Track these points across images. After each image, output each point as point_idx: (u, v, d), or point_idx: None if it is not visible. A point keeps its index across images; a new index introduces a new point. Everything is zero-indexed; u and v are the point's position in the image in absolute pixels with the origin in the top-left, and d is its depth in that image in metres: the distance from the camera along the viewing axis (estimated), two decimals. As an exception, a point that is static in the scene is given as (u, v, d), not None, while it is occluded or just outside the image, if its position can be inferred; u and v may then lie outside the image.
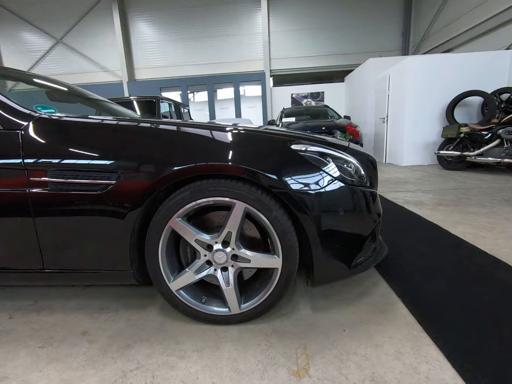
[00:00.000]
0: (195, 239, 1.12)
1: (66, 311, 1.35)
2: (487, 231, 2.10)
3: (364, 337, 1.08)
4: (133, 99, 6.69)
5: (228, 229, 1.10)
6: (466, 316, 1.16)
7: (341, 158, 1.21)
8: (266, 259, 1.12)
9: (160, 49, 10.64)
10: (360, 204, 1.17)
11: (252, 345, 1.07)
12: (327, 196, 1.08)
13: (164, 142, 1.10)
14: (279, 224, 1.07)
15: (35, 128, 1.11)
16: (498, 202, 2.86)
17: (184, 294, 1.18)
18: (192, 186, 1.08)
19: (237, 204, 1.07)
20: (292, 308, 1.29)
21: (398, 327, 1.13)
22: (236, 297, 1.15)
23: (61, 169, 1.09)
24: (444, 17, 8.22)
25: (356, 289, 1.42)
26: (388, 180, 4.38)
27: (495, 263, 1.60)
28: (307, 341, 1.07)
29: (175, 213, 1.09)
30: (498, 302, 1.25)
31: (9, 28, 10.61)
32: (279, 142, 1.13)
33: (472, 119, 5.75)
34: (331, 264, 1.14)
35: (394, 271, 1.57)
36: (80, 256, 1.16)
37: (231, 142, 1.11)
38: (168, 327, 1.19)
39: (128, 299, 1.43)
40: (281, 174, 1.05)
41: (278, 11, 10.15)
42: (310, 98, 10.46)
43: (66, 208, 1.10)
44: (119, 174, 1.07)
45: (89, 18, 10.40)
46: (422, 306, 1.24)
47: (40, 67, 10.95)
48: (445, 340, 1.04)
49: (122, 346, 1.10)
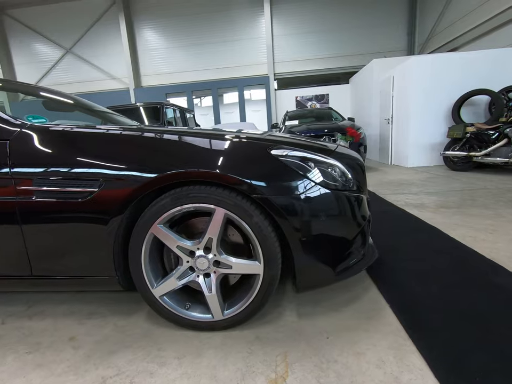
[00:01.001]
0: (177, 245, 1.13)
1: (57, 317, 1.38)
2: (488, 233, 2.04)
3: (347, 344, 1.06)
4: (139, 105, 6.83)
5: (209, 235, 1.10)
6: (455, 323, 1.13)
7: (325, 162, 1.20)
8: (248, 265, 1.12)
9: (166, 56, 10.82)
10: (343, 209, 1.16)
11: (232, 352, 1.06)
12: (308, 201, 1.07)
13: (143, 149, 1.12)
14: (260, 230, 1.07)
15: (22, 138, 1.14)
16: (503, 203, 2.77)
17: (168, 300, 1.18)
18: (173, 193, 1.09)
19: (217, 210, 1.07)
20: (278, 314, 1.28)
21: (384, 334, 1.10)
22: (218, 303, 1.14)
23: (46, 178, 1.11)
24: (449, 16, 8.10)
25: (346, 295, 1.40)
26: (391, 182, 4.31)
27: (492, 267, 1.55)
28: (289, 348, 1.06)
29: (157, 220, 1.10)
30: (490, 309, 1.20)
31: (21, 39, 10.99)
32: (259, 148, 1.13)
33: (480, 119, 5.62)
34: (314, 270, 1.13)
35: (386, 275, 1.54)
36: (66, 263, 1.18)
37: (210, 148, 1.12)
38: (153, 333, 1.20)
39: (117, 304, 1.44)
40: (260, 180, 1.05)
41: (281, 15, 10.20)
42: (314, 101, 10.44)
43: (52, 216, 1.13)
44: (100, 182, 1.08)
45: (97, 28, 10.68)
46: (410, 312, 1.21)
47: (50, 76, 11.28)
48: (430, 348, 1.01)
49: (106, 353, 1.11)
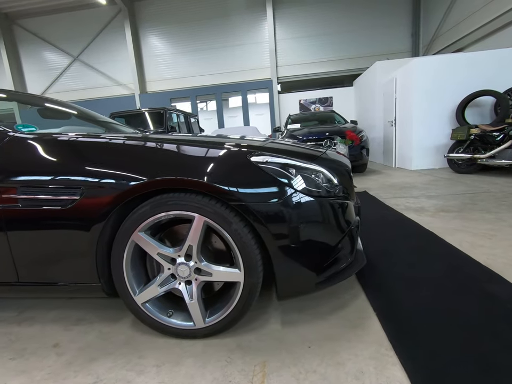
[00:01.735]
0: (157, 252, 1.13)
1: (46, 323, 1.39)
2: (487, 239, 1.99)
3: (328, 354, 1.04)
4: (144, 111, 6.93)
5: (189, 243, 1.10)
6: (442, 333, 1.10)
7: (308, 168, 1.19)
8: (228, 272, 1.11)
9: (170, 62, 10.97)
10: (326, 216, 1.14)
11: (212, 361, 1.05)
12: (287, 208, 1.06)
13: (123, 157, 1.12)
14: (239, 237, 1.06)
15: (7, 147, 1.17)
16: (506, 207, 2.70)
17: (150, 307, 1.18)
18: (153, 200, 1.09)
19: (196, 217, 1.07)
20: (263, 322, 1.26)
21: (367, 344, 1.08)
22: (200, 311, 1.14)
23: (30, 186, 1.13)
24: (454, 16, 8.00)
25: (333, 302, 1.38)
26: (393, 185, 4.25)
27: (487, 274, 1.51)
28: (268, 358, 1.05)
29: (137, 227, 1.10)
30: (480, 319, 1.17)
31: (31, 48, 11.31)
32: (238, 155, 1.13)
33: (485, 120, 5.51)
34: (295, 278, 1.12)
35: (375, 282, 1.51)
36: (50, 270, 1.19)
37: (189, 156, 1.12)
38: (136, 340, 1.20)
39: (105, 311, 1.45)
40: (238, 187, 1.04)
41: (283, 19, 10.25)
42: (318, 104, 10.42)
43: (36, 224, 1.14)
44: (82, 189, 1.10)
45: (103, 35, 10.92)
46: (397, 321, 1.18)
47: (59, 84, 11.55)
48: (412, 359, 0.98)
49: (87, 360, 1.11)
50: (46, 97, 2.02)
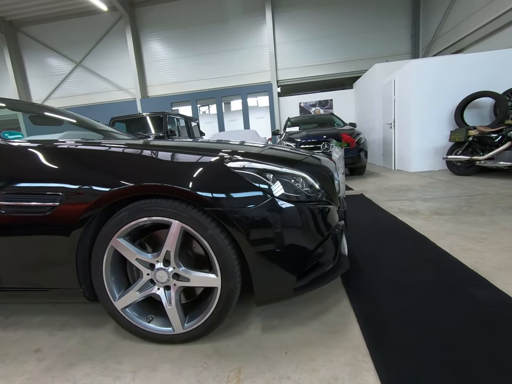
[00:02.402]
0: (136, 258, 1.14)
1: (31, 328, 1.40)
2: (477, 242, 1.97)
3: (303, 360, 1.04)
4: (144, 116, 6.99)
5: (167, 248, 1.10)
6: (421, 339, 1.09)
7: (287, 173, 1.19)
8: (205, 278, 1.11)
9: (171, 67, 11.07)
10: (304, 221, 1.14)
11: (188, 366, 1.05)
12: (263, 214, 1.06)
13: (100, 163, 1.14)
14: (215, 242, 1.07)
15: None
16: (501, 210, 2.67)
17: (130, 312, 1.19)
18: (131, 206, 1.10)
19: (173, 223, 1.08)
20: (243, 327, 1.26)
21: (344, 350, 1.07)
22: (178, 316, 1.14)
23: (12, 193, 1.14)
24: (453, 18, 7.98)
25: (316, 307, 1.37)
26: (390, 188, 4.23)
27: (473, 279, 1.49)
28: (244, 363, 1.04)
29: (116, 233, 1.11)
30: (461, 324, 1.15)
31: (34, 54, 11.50)
32: (214, 160, 1.13)
33: (485, 121, 5.47)
34: (272, 283, 1.12)
35: (360, 287, 1.50)
36: (33, 275, 1.20)
37: (165, 162, 1.13)
38: (116, 346, 1.20)
39: (90, 316, 1.46)
40: (213, 193, 1.05)
41: (283, 23, 10.30)
42: (318, 107, 10.43)
43: (19, 230, 1.16)
44: (62, 196, 1.11)
45: (105, 41, 11.06)
46: (377, 327, 1.17)
47: (62, 89, 11.71)
48: (387, 366, 0.97)
49: (66, 365, 1.12)
50: (37, 104, 2.05)
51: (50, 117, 2.02)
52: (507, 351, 0.99)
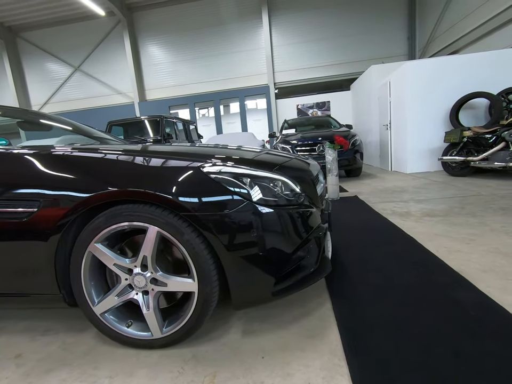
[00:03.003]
0: (114, 263, 1.14)
1: (14, 333, 1.40)
2: (465, 244, 1.96)
3: (279, 365, 1.03)
4: (142, 119, 7.02)
5: (143, 253, 1.11)
6: (398, 343, 1.08)
7: (265, 177, 1.19)
8: (182, 283, 1.12)
9: (169, 70, 11.13)
10: (283, 225, 1.14)
11: (164, 372, 1.05)
12: (239, 218, 1.07)
13: (77, 169, 1.14)
14: (191, 247, 1.07)
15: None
16: (492, 211, 2.67)
17: (109, 317, 1.19)
18: (108, 212, 1.11)
19: (149, 228, 1.09)
20: (223, 332, 1.26)
21: (320, 354, 1.07)
22: (156, 321, 1.14)
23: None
24: (449, 18, 8.01)
25: (297, 311, 1.37)
26: (385, 190, 4.23)
27: (456, 281, 1.49)
28: (220, 368, 1.04)
29: (94, 238, 1.12)
30: (441, 328, 1.15)
31: (33, 59, 11.59)
32: (191, 165, 1.14)
33: (480, 122, 5.47)
34: (249, 287, 1.12)
35: (344, 290, 1.50)
36: (12, 280, 1.20)
37: (142, 167, 1.13)
38: (95, 351, 1.21)
39: (75, 321, 1.46)
40: (189, 198, 1.05)
41: (279, 25, 10.36)
42: (316, 108, 10.45)
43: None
44: (40, 202, 1.12)
45: (103, 46, 11.14)
46: (356, 331, 1.17)
47: (60, 93, 11.78)
48: (362, 370, 0.97)
49: (44, 370, 1.12)
50: (26, 110, 2.06)
51: (37, 123, 2.04)
52: (485, 356, 0.99)
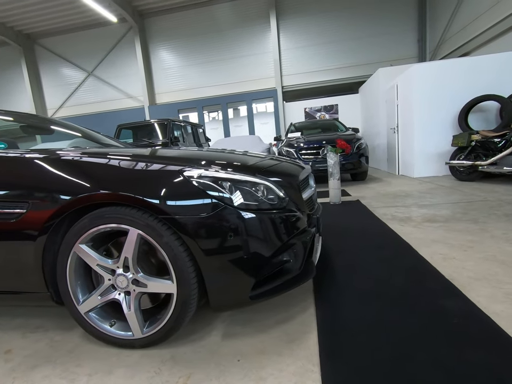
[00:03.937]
0: (97, 263, 1.17)
1: (7, 330, 1.46)
2: (462, 251, 1.92)
3: (254, 369, 1.04)
4: (151, 122, 7.18)
5: (125, 255, 1.14)
6: (375, 351, 1.07)
7: (247, 181, 1.21)
8: (162, 284, 1.14)
9: (178, 74, 11.33)
10: (262, 228, 1.15)
11: (141, 371, 1.07)
12: (216, 222, 1.08)
13: (61, 172, 1.18)
14: (170, 249, 1.09)
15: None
16: (496, 217, 2.59)
17: (93, 316, 1.22)
18: (92, 214, 1.14)
19: (130, 230, 1.11)
20: (205, 334, 1.27)
21: (296, 359, 1.06)
22: (137, 321, 1.16)
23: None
24: (459, 20, 7.85)
25: (280, 315, 1.37)
26: (388, 194, 4.16)
27: (446, 289, 1.45)
28: (195, 370, 1.05)
29: (78, 239, 1.16)
30: (422, 336, 1.13)
31: (49, 65, 12.03)
32: (172, 169, 1.16)
33: (491, 125, 5.32)
34: (226, 291, 1.13)
35: (330, 296, 1.48)
36: (4, 278, 1.25)
37: (125, 170, 1.17)
38: (80, 350, 1.24)
39: (65, 319, 1.50)
40: (168, 201, 1.08)
41: (287, 29, 10.40)
42: (323, 112, 10.41)
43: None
44: (29, 203, 1.16)
45: (116, 51, 11.46)
46: (334, 337, 1.16)
47: (74, 97, 12.16)
48: (334, 377, 0.96)
49: (30, 367, 1.16)
50: (28, 114, 2.15)
51: (39, 127, 2.12)
52: (462, 365, 0.96)
